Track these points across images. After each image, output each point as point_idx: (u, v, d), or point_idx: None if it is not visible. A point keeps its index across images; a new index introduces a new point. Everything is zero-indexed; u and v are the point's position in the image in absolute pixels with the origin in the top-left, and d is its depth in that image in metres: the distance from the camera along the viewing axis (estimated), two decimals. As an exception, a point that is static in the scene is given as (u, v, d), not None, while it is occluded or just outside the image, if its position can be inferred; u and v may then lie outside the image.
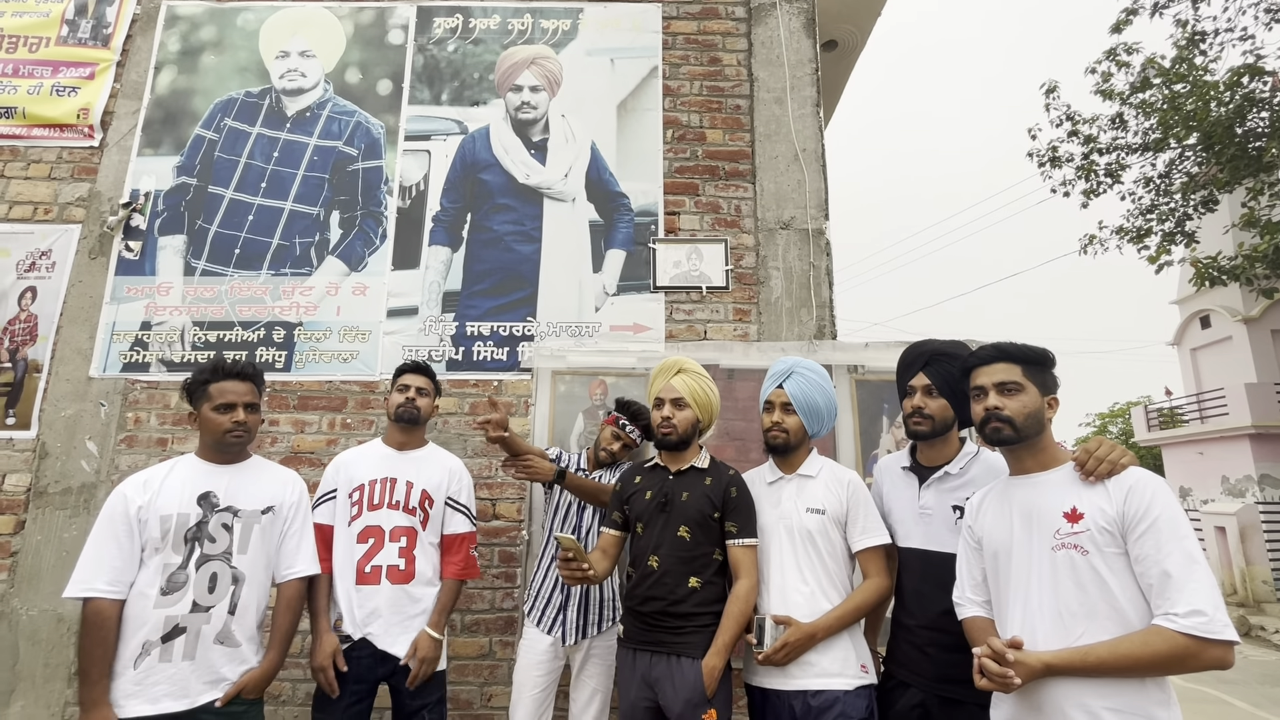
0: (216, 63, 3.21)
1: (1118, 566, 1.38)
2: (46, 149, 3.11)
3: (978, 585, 1.62)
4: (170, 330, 2.90)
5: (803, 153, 3.08)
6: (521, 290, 2.95)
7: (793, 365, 2.03)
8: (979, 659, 1.39)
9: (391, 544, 2.12)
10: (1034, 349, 1.60)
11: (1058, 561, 1.44)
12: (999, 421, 1.54)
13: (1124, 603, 1.36)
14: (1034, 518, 1.51)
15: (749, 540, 1.90)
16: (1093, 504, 1.43)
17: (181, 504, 1.77)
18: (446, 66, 3.22)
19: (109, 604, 1.67)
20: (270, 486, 1.92)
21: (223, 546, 1.78)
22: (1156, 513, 1.35)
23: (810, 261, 2.96)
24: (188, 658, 1.68)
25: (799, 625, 1.79)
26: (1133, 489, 1.39)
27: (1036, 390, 1.55)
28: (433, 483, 2.20)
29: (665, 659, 1.85)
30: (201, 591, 1.72)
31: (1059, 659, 1.35)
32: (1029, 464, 1.57)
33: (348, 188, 3.06)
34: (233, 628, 1.75)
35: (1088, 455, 1.48)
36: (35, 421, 2.81)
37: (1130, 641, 1.31)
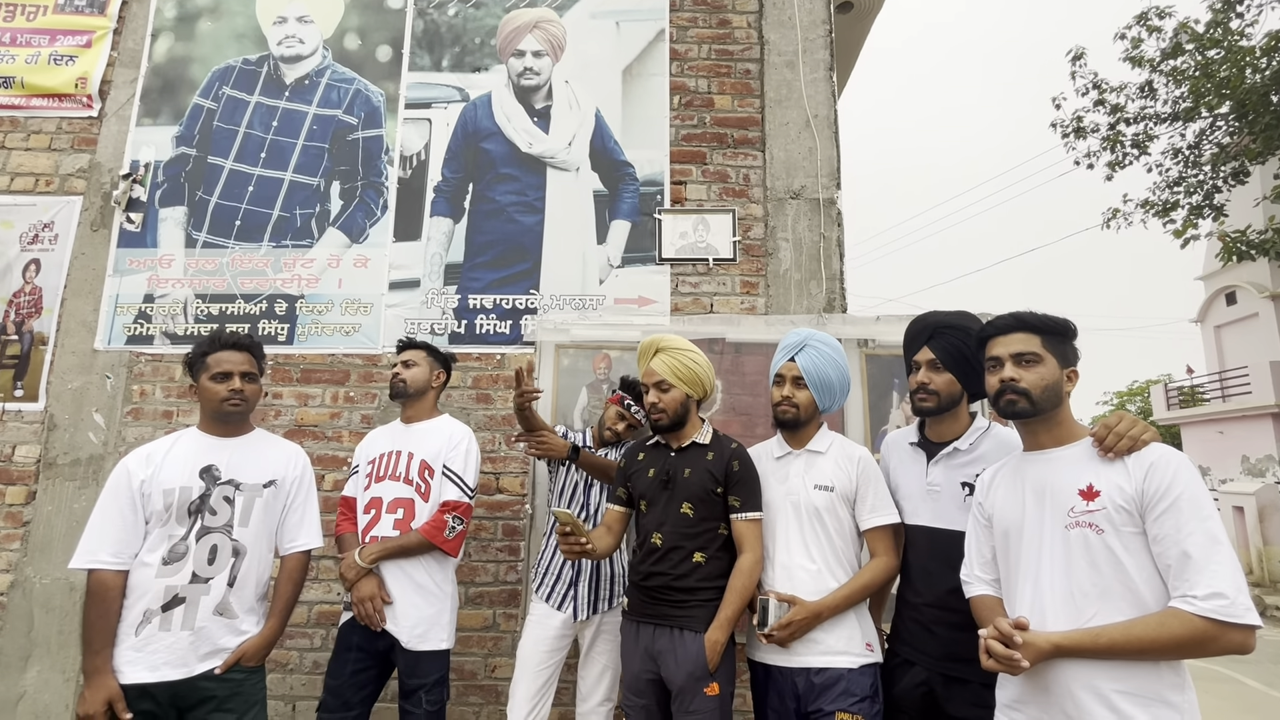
0: (213, 29, 3.14)
1: (1134, 546, 1.32)
2: (46, 119, 3.07)
3: (987, 563, 1.58)
4: (173, 303, 2.89)
5: (814, 119, 2.97)
6: (524, 262, 2.90)
7: (806, 337, 1.97)
8: (985, 640, 1.35)
9: (388, 515, 2.12)
10: (1055, 319, 1.51)
11: (1071, 540, 1.38)
12: (1015, 394, 1.47)
13: (1139, 584, 1.30)
14: (1048, 495, 1.45)
15: (752, 514, 1.87)
16: (1110, 481, 1.36)
17: (184, 477, 1.77)
18: (447, 31, 3.12)
19: (112, 575, 1.68)
20: (273, 461, 1.91)
21: (224, 519, 1.78)
22: (1178, 491, 1.28)
23: (821, 232, 2.88)
24: (186, 627, 1.68)
25: (804, 604, 1.75)
26: (1154, 466, 1.32)
27: (1056, 362, 1.47)
28: (431, 452, 2.18)
29: (669, 632, 1.83)
30: (201, 563, 1.73)
31: (1069, 640, 1.30)
32: (1044, 439, 1.50)
33: (348, 157, 3.00)
34: (231, 599, 1.75)
35: (1107, 430, 1.40)
36: (43, 394, 2.82)
37: (1145, 623, 1.25)
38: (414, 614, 2.06)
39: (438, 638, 2.09)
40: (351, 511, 2.18)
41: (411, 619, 2.05)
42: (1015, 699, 1.43)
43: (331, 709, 1.98)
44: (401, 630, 2.04)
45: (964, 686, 1.65)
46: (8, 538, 2.72)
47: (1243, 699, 5.67)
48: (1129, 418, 1.44)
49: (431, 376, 2.31)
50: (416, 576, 2.09)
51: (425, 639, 2.06)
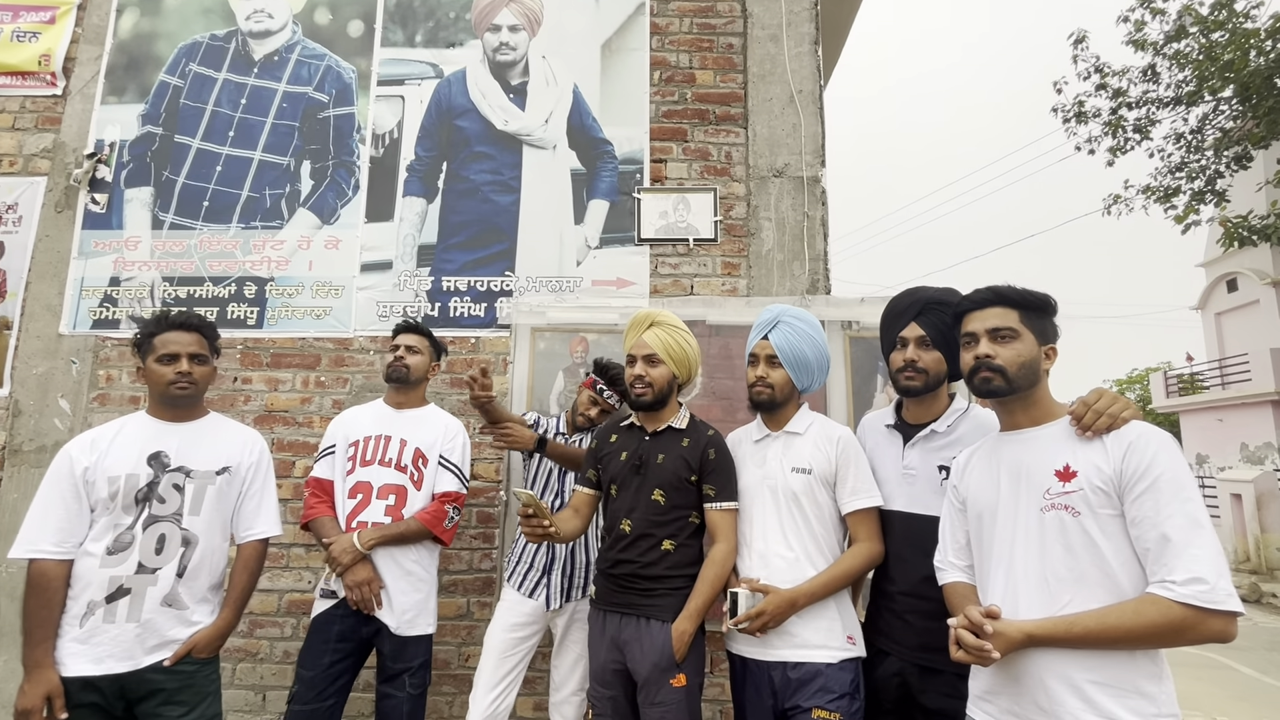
0: (180, 4, 3.05)
1: (1112, 530, 1.25)
2: (9, 98, 2.99)
3: (961, 549, 1.51)
4: (139, 286, 2.81)
5: (799, 94, 2.87)
6: (500, 243, 2.82)
7: (779, 314, 1.88)
8: (955, 630, 1.29)
9: (379, 501, 2.07)
10: (1034, 293, 1.44)
11: (1046, 523, 1.32)
12: (989, 371, 1.40)
13: (1116, 568, 1.24)
14: (1023, 476, 1.38)
15: (728, 504, 1.80)
16: (1088, 461, 1.29)
17: (130, 464, 1.69)
18: (421, 6, 3.03)
19: (54, 564, 1.62)
20: (227, 446, 1.83)
21: (173, 508, 1.71)
22: (1158, 471, 1.21)
23: (804, 211, 2.79)
24: (132, 619, 1.62)
25: (777, 592, 1.67)
26: (1133, 445, 1.25)
27: (1033, 338, 1.40)
28: (427, 441, 2.14)
29: (635, 621, 1.77)
30: (148, 553, 1.66)
31: (1041, 629, 1.24)
32: (1021, 419, 1.43)
33: (319, 136, 2.92)
34: (180, 590, 1.68)
35: (1085, 408, 1.33)
36: (8, 379, 2.76)
37: (1121, 611, 1.19)
38: (403, 600, 2.03)
39: (425, 622, 2.08)
40: (326, 494, 2.11)
41: (401, 605, 2.02)
42: (987, 689, 1.37)
43: (305, 700, 1.93)
44: (392, 615, 2.01)
45: (938, 676, 1.59)
46: (-27, 526, 2.66)
47: (1235, 685, 5.65)
48: (1108, 394, 1.36)
49: (430, 365, 2.27)
50: (405, 563, 2.05)
51: (414, 624, 2.04)
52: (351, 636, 2.00)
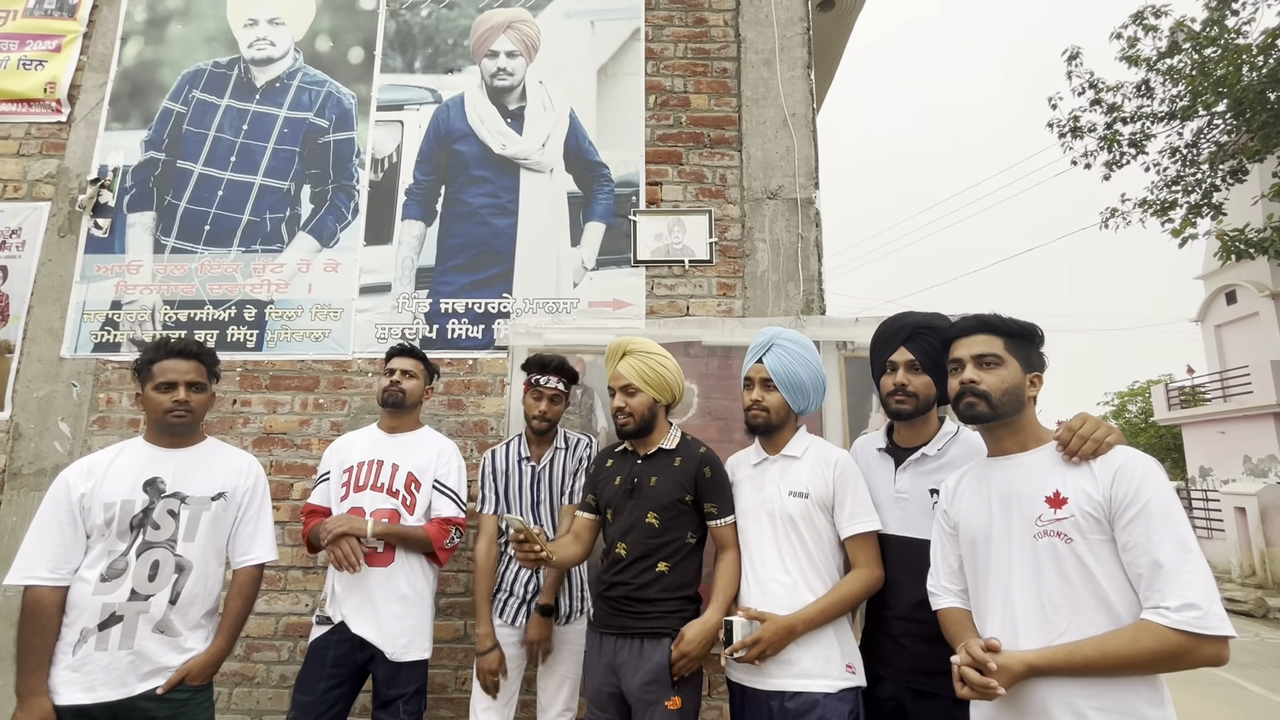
0: (184, 32, 3.11)
1: (1104, 555, 1.27)
2: (14, 125, 3.04)
3: (953, 573, 1.52)
4: (140, 309, 2.84)
5: (792, 118, 2.92)
6: (497, 265, 2.85)
7: (773, 337, 1.90)
8: (959, 668, 1.30)
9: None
10: (1020, 322, 1.48)
11: (1040, 550, 1.33)
12: (974, 396, 1.43)
13: (1110, 594, 1.25)
14: (1014, 502, 1.40)
15: (730, 519, 1.84)
16: (1077, 487, 1.31)
17: (126, 490, 1.70)
18: (420, 32, 3.08)
19: (49, 591, 1.63)
20: (222, 472, 1.84)
21: (167, 534, 1.71)
22: (1147, 497, 1.24)
23: (799, 233, 2.82)
24: (124, 647, 1.62)
25: (774, 619, 1.66)
26: (1121, 470, 1.28)
27: (1018, 365, 1.44)
28: (419, 465, 2.14)
29: (629, 642, 1.78)
30: (141, 579, 1.66)
31: (1042, 659, 1.25)
32: (1008, 444, 1.46)
33: (319, 161, 2.96)
34: (173, 617, 1.68)
35: (1070, 434, 1.36)
36: (8, 403, 2.78)
37: (1118, 639, 1.21)
38: (398, 624, 2.01)
39: (420, 647, 2.06)
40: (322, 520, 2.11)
41: (396, 629, 2.01)
42: (989, 718, 1.38)
43: None
44: (385, 640, 1.99)
45: (934, 701, 1.59)
46: (-29, 549, 2.67)
47: (1243, 703, 5.58)
48: (1091, 419, 1.39)
49: (425, 388, 2.27)
50: (400, 587, 2.04)
51: (409, 649, 2.03)
52: (346, 662, 1.99)
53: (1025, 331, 1.47)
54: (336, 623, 2.01)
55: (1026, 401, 1.44)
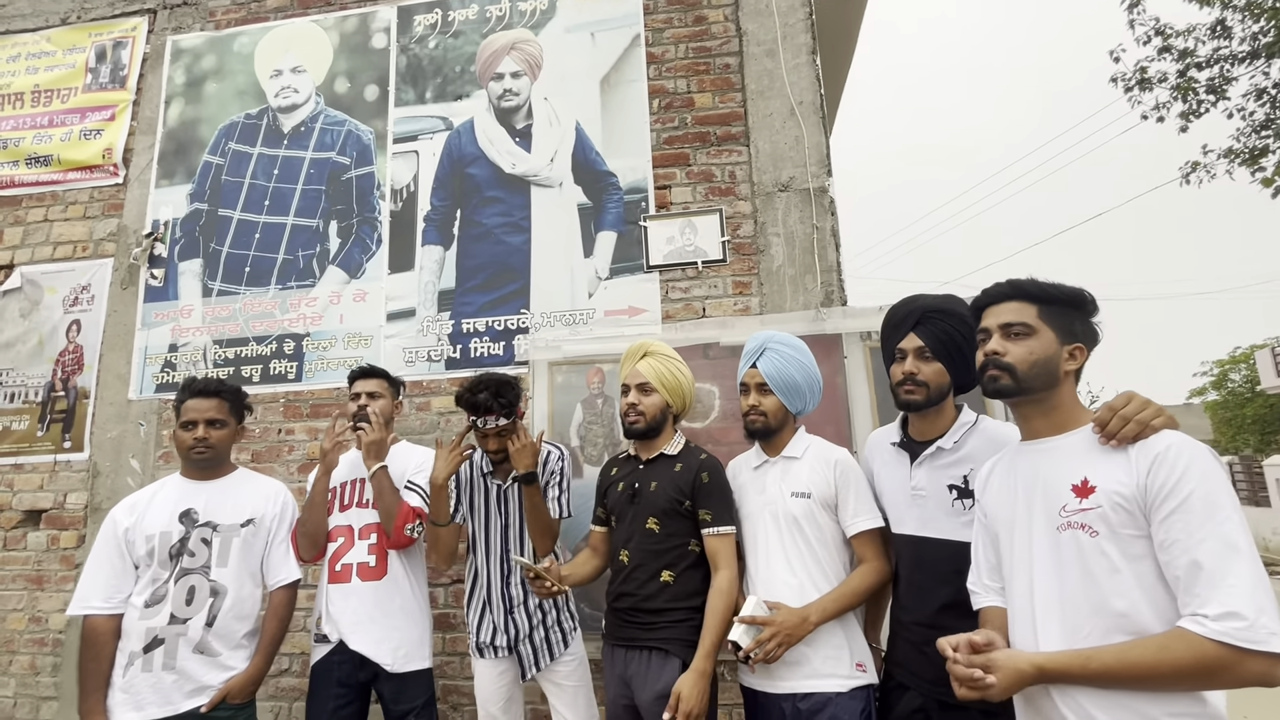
0: (218, 90, 3.33)
1: (1135, 552, 1.14)
2: (80, 190, 3.34)
3: (993, 570, 1.41)
4: (194, 350, 3.06)
5: (799, 106, 2.83)
6: (514, 282, 2.90)
7: (765, 341, 1.87)
8: (949, 664, 1.21)
9: (361, 541, 2.14)
10: (1061, 288, 1.31)
11: (1062, 544, 1.22)
12: (996, 369, 1.30)
13: (1139, 598, 1.12)
14: (1037, 490, 1.28)
15: (724, 529, 1.77)
16: (1109, 475, 1.18)
17: (164, 523, 1.86)
18: (429, 64, 3.19)
19: (103, 620, 1.78)
20: (251, 499, 1.97)
21: (202, 560, 1.85)
22: (1190, 488, 1.08)
23: (813, 223, 2.73)
24: (167, 668, 1.75)
25: (787, 609, 1.64)
26: (1160, 457, 1.13)
27: (1053, 335, 1.29)
28: (396, 473, 2.18)
29: (639, 654, 1.77)
30: (179, 604, 1.80)
31: (1054, 663, 1.14)
32: (1039, 425, 1.33)
33: (343, 196, 3.10)
34: (211, 639, 1.80)
35: (1111, 413, 1.21)
36: (87, 444, 3.05)
37: (1145, 647, 1.07)
38: (396, 636, 2.06)
39: (421, 656, 2.10)
40: None
41: (394, 641, 2.05)
42: None
43: None
44: (384, 654, 2.03)
45: (962, 713, 1.49)
46: (64, 579, 2.94)
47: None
48: (1138, 398, 1.23)
49: (394, 406, 2.32)
50: (394, 600, 2.09)
51: (410, 659, 2.07)
52: (350, 681, 2.03)
53: (1067, 297, 1.30)
54: (335, 641, 2.04)
55: (1063, 377, 1.28)
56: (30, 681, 2.88)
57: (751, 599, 1.67)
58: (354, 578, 2.08)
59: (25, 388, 3.15)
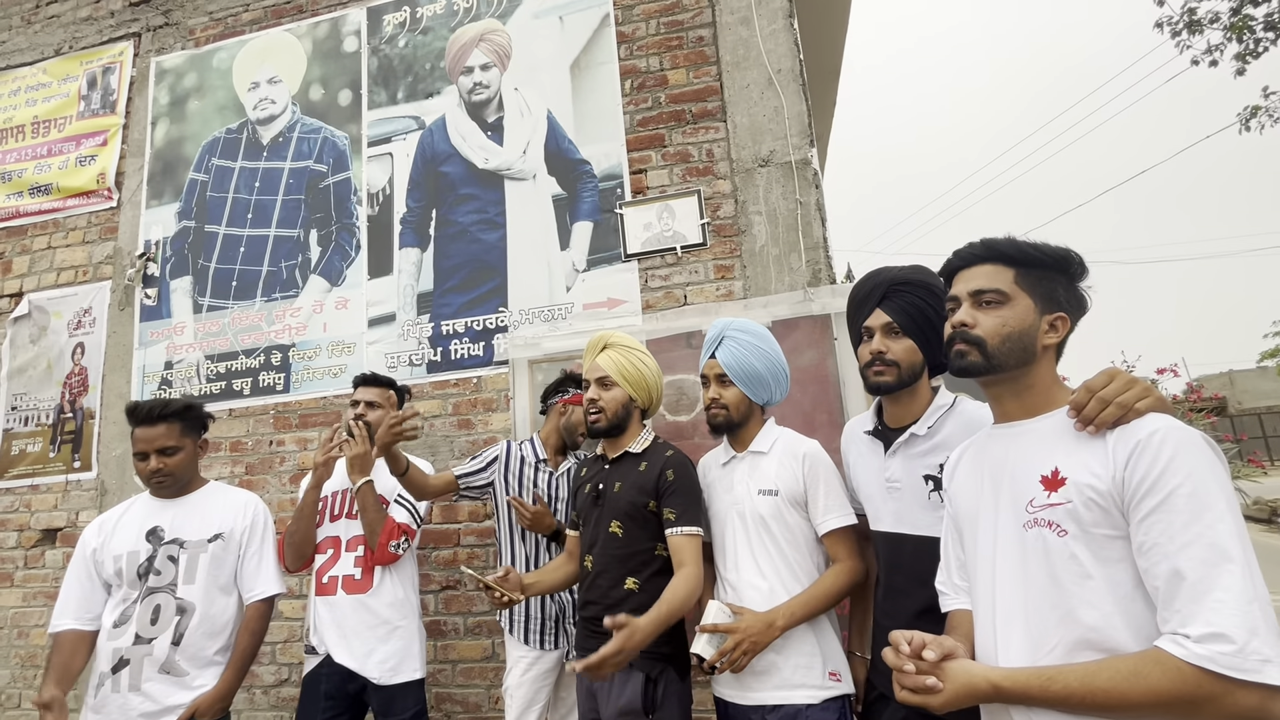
0: (200, 107, 3.36)
1: (1110, 555, 0.97)
2: (78, 216, 3.42)
3: (964, 568, 1.26)
4: (187, 366, 3.09)
5: (777, 75, 2.66)
6: (491, 281, 2.82)
7: (723, 329, 1.74)
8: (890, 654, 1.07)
9: (348, 554, 2.11)
10: (1044, 247, 1.13)
11: (1028, 543, 1.05)
12: (964, 343, 1.14)
13: (1111, 609, 0.95)
14: (1005, 481, 1.12)
15: (689, 529, 1.64)
16: (1082, 465, 1.01)
17: (131, 542, 1.84)
18: (399, 63, 3.13)
19: (72, 634, 1.79)
20: (219, 514, 1.93)
21: (168, 578, 1.82)
22: (1174, 483, 0.91)
23: (797, 199, 2.56)
24: (132, 689, 1.72)
25: (752, 611, 1.53)
26: (1142, 445, 0.95)
27: (1030, 304, 1.12)
28: (386, 486, 2.15)
29: None
30: (144, 624, 1.77)
31: (1012, 681, 0.98)
32: (1011, 407, 1.16)
33: (321, 205, 3.08)
34: (177, 658, 1.77)
35: (1088, 395, 1.04)
36: (95, 463, 3.12)
37: (1115, 670, 0.90)
38: (382, 650, 2.03)
39: (410, 668, 2.06)
40: None
41: (379, 655, 2.02)
42: None
43: None
44: (371, 668, 2.01)
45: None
46: (79, 595, 3.02)
47: None
48: (1123, 376, 1.05)
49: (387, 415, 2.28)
50: (381, 612, 2.06)
51: (398, 671, 2.03)
52: (338, 694, 2.02)
53: (1049, 259, 1.12)
54: (323, 654, 2.04)
55: (1040, 352, 1.12)
56: (53, 694, 2.97)
57: (713, 605, 1.55)
58: (339, 590, 2.06)
59: (37, 411, 3.25)
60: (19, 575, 3.13)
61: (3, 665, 3.06)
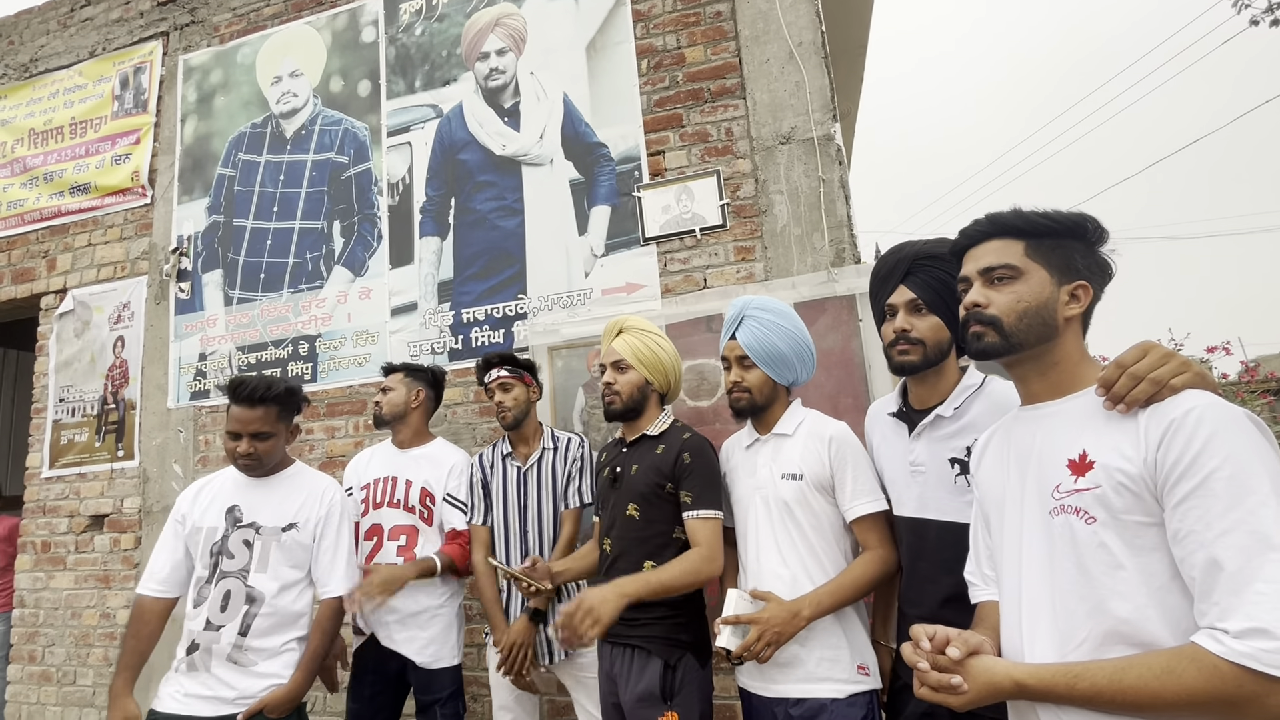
0: (226, 103, 3.42)
1: (1144, 544, 0.91)
2: (115, 213, 3.53)
3: (993, 557, 1.21)
4: (220, 357, 3.17)
5: (798, 48, 2.57)
6: (511, 268, 2.82)
7: (743, 308, 1.68)
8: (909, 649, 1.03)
9: (390, 542, 2.15)
10: (1053, 214, 1.05)
11: (1054, 531, 1.00)
12: (979, 324, 1.07)
13: (1144, 601, 0.89)
14: (1031, 466, 1.06)
15: (706, 513, 1.62)
16: (1111, 447, 0.94)
17: (213, 517, 1.78)
18: (416, 52, 3.13)
19: (151, 601, 1.76)
20: (297, 501, 1.84)
21: (240, 564, 1.74)
22: (1212, 464, 0.84)
23: (819, 176, 2.48)
24: (203, 671, 1.69)
25: (775, 601, 1.48)
26: (1177, 425, 0.88)
27: (1046, 276, 1.05)
28: (433, 479, 2.19)
29: (623, 652, 1.66)
30: (215, 610, 1.71)
31: (1036, 679, 0.93)
32: (1036, 387, 1.10)
33: (343, 196, 3.12)
34: (244, 648, 1.70)
35: (1119, 371, 0.96)
36: (137, 452, 3.24)
37: (1147, 667, 0.85)
38: (422, 634, 2.08)
39: (448, 655, 2.12)
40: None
41: (421, 639, 2.08)
42: None
43: None
44: (414, 652, 2.07)
45: (970, 718, 1.30)
46: (125, 578, 3.15)
47: None
48: (1158, 350, 0.97)
49: (410, 397, 2.29)
50: (420, 600, 2.10)
51: (438, 658, 2.09)
52: (381, 670, 2.10)
53: (1060, 226, 1.05)
54: (369, 634, 2.11)
55: (1063, 325, 1.04)
56: (105, 672, 3.11)
57: (733, 594, 1.51)
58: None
59: (83, 402, 3.38)
60: (70, 559, 3.27)
61: (59, 644, 3.22)
